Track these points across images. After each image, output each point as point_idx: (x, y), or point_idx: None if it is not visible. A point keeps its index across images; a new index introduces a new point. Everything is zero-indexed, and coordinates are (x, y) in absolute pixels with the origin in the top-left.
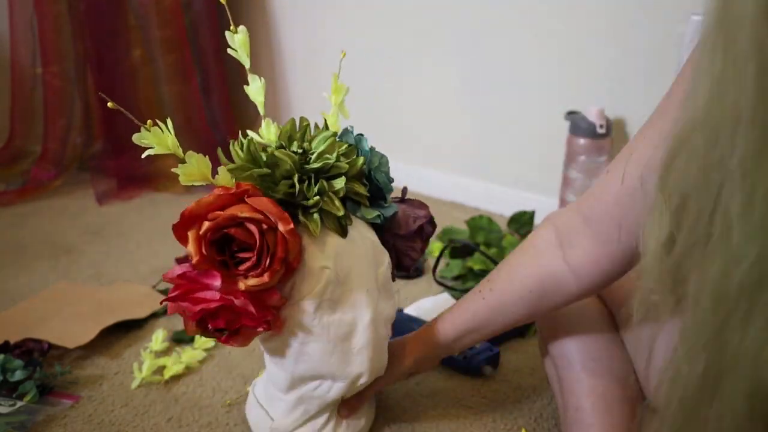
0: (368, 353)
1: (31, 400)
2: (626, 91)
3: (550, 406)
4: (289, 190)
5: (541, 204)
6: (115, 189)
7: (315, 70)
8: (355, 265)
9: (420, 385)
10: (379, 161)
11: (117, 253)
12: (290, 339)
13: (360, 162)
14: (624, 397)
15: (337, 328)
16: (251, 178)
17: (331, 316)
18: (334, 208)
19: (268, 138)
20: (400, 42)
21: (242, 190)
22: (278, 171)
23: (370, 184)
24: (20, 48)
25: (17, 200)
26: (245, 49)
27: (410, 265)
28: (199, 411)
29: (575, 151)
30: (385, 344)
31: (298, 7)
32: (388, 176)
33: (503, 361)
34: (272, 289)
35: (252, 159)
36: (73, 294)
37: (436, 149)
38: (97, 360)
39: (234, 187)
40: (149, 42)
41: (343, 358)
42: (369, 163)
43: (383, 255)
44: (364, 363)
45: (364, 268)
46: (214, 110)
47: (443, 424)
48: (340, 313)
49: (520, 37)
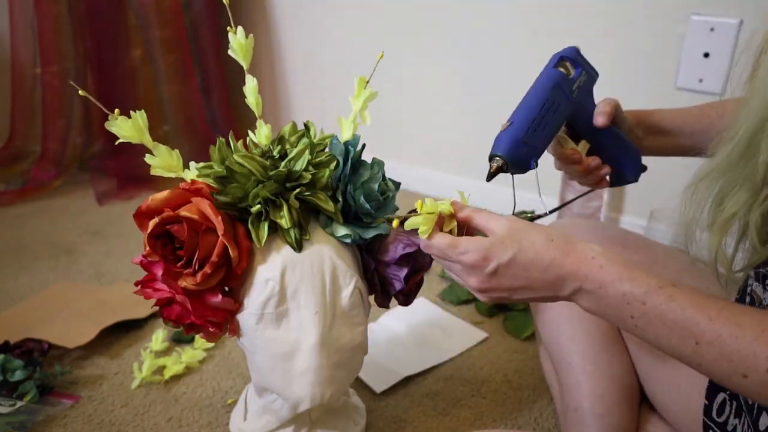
0: (310, 378)
1: (31, 400)
2: (626, 91)
3: (550, 406)
4: (237, 195)
5: (541, 204)
6: (115, 189)
7: (315, 70)
8: (305, 284)
9: (420, 385)
10: (371, 177)
11: (117, 253)
12: (244, 346)
13: (325, 174)
14: (623, 398)
15: (279, 346)
16: (209, 178)
17: (273, 332)
18: (282, 219)
19: (258, 139)
20: (400, 42)
21: (195, 188)
22: (236, 175)
23: (349, 201)
24: (20, 48)
25: (17, 200)
26: (244, 51)
27: (394, 293)
28: (199, 411)
29: None
30: (341, 374)
31: (298, 7)
32: (373, 197)
33: (504, 361)
34: (213, 291)
35: (222, 159)
36: (73, 294)
37: (436, 149)
38: (97, 360)
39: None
40: (149, 42)
41: (285, 377)
42: (347, 178)
43: (349, 279)
44: (305, 388)
45: (316, 289)
46: (214, 110)
47: (443, 424)
48: (284, 330)
49: (520, 37)
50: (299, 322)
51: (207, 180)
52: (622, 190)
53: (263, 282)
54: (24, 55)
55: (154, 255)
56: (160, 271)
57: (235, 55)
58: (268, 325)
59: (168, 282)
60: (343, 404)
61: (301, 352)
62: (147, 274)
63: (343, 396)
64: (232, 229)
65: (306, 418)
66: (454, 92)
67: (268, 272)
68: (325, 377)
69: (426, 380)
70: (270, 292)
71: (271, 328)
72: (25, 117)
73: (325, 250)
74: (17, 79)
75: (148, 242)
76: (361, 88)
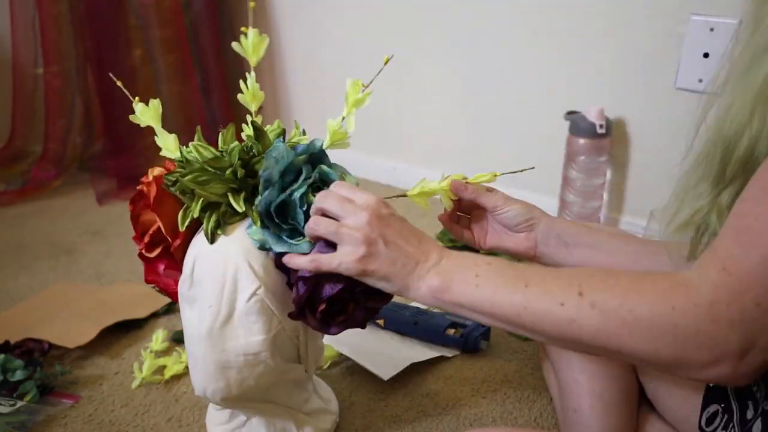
0: (197, 366)
1: (31, 400)
2: (626, 91)
3: (550, 405)
4: (172, 179)
5: (541, 204)
6: (115, 189)
7: (315, 70)
8: (208, 276)
9: (420, 385)
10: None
11: (117, 253)
12: None
13: (227, 172)
14: (622, 398)
15: (188, 326)
16: (176, 161)
17: (187, 312)
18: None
19: (246, 135)
20: (400, 42)
21: (162, 173)
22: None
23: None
24: (21, 48)
25: (17, 200)
26: (256, 50)
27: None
28: (199, 411)
29: (575, 151)
30: (230, 375)
31: (298, 7)
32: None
33: (504, 361)
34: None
35: (200, 146)
36: (73, 294)
37: (436, 149)
38: (97, 360)
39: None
40: (149, 42)
41: (190, 358)
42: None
43: (250, 283)
44: (193, 375)
45: (216, 284)
46: (214, 110)
47: (443, 424)
48: (192, 313)
49: (520, 37)
50: (199, 310)
51: (169, 163)
52: (621, 190)
53: (185, 264)
54: (25, 55)
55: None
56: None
57: (244, 53)
58: (184, 304)
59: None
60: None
61: (195, 338)
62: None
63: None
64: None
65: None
66: (454, 92)
67: (188, 256)
68: (210, 372)
69: (426, 380)
70: (185, 274)
71: (187, 309)
72: (25, 117)
73: (234, 249)
74: (18, 79)
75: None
76: (355, 92)
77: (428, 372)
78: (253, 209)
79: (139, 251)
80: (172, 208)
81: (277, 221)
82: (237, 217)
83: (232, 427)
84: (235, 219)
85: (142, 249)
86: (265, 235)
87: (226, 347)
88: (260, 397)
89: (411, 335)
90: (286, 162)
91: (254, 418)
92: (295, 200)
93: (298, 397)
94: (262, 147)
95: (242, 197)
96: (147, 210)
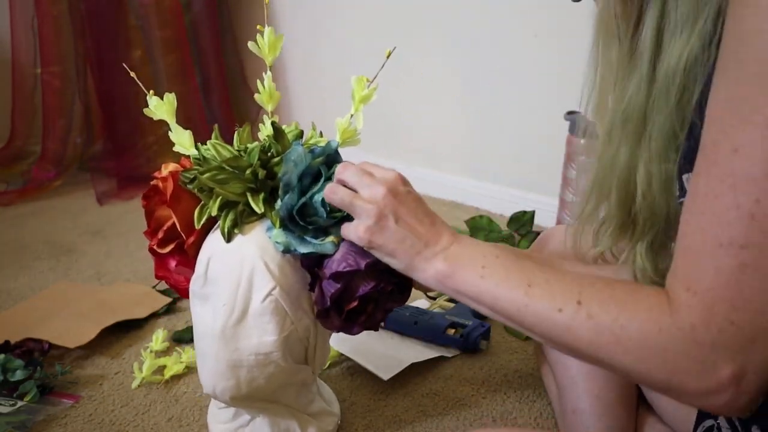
0: (208, 364)
1: (31, 399)
2: None
3: (550, 405)
4: (189, 176)
5: (541, 204)
6: (115, 189)
7: (315, 70)
8: (223, 275)
9: (420, 385)
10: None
11: (117, 253)
12: None
13: (247, 172)
14: (621, 400)
15: (198, 324)
16: (192, 158)
17: (199, 309)
18: (211, 207)
19: (264, 135)
20: (400, 42)
21: (177, 170)
22: (206, 162)
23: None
24: (21, 48)
25: (17, 200)
26: (273, 49)
27: (320, 311)
28: (199, 411)
29: (575, 151)
30: (240, 374)
31: (298, 7)
32: (310, 211)
33: (504, 361)
34: (172, 257)
35: (219, 145)
36: (73, 294)
37: (436, 149)
38: (97, 360)
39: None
40: (149, 42)
41: (199, 356)
42: (294, 184)
43: (265, 283)
44: (202, 373)
45: (231, 283)
46: (214, 110)
47: (443, 424)
48: (205, 310)
49: (519, 37)
50: (213, 308)
51: (186, 160)
52: None
53: (198, 261)
54: (24, 55)
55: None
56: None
57: (260, 52)
58: (195, 301)
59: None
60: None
61: (207, 336)
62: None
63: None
64: (189, 206)
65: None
66: (454, 92)
67: (202, 254)
68: (221, 370)
69: (426, 380)
70: (198, 272)
71: (198, 305)
72: (25, 117)
73: (251, 248)
74: (18, 79)
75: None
76: (361, 88)
77: (428, 372)
78: (273, 213)
79: (150, 246)
80: (188, 205)
81: (302, 224)
82: (254, 216)
83: (235, 425)
84: (252, 219)
85: (154, 245)
86: (289, 238)
87: (238, 346)
88: (267, 397)
89: (411, 335)
90: (304, 165)
91: (258, 418)
92: (316, 202)
93: (304, 398)
94: (281, 147)
95: (261, 198)
96: (162, 206)
